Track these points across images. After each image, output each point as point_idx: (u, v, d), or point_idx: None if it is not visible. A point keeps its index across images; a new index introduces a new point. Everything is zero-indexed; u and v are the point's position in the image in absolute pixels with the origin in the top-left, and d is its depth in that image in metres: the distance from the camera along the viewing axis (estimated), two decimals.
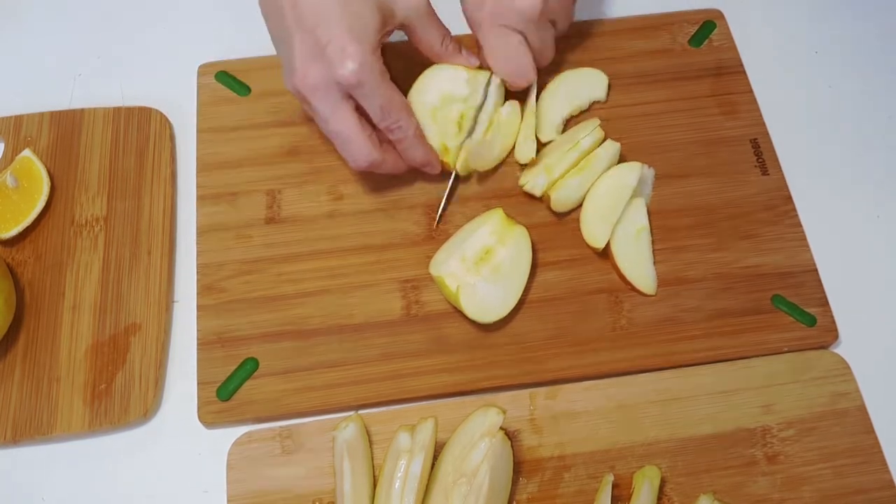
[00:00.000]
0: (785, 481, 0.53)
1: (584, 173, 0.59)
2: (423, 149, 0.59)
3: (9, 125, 0.64)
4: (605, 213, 0.59)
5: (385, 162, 0.58)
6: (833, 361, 0.56)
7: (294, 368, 0.56)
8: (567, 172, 0.60)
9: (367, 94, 0.54)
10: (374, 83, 0.54)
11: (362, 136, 0.55)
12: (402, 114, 0.56)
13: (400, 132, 0.57)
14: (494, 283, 0.56)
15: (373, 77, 0.54)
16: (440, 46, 0.59)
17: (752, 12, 0.72)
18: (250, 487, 0.52)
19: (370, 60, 0.53)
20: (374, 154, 0.56)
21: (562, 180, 0.60)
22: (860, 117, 0.67)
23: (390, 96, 0.55)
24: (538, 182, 0.60)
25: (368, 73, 0.53)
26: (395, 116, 0.56)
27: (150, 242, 0.60)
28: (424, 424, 0.50)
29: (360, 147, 0.56)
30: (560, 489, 0.52)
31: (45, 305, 0.58)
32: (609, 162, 0.60)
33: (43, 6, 0.72)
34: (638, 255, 0.59)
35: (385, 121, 0.56)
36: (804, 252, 0.60)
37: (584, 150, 0.60)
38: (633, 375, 0.56)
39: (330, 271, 0.59)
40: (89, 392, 0.55)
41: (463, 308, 0.55)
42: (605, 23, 0.69)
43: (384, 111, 0.55)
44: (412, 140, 0.58)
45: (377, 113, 0.55)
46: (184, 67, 0.67)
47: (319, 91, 0.54)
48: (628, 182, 0.59)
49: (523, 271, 0.57)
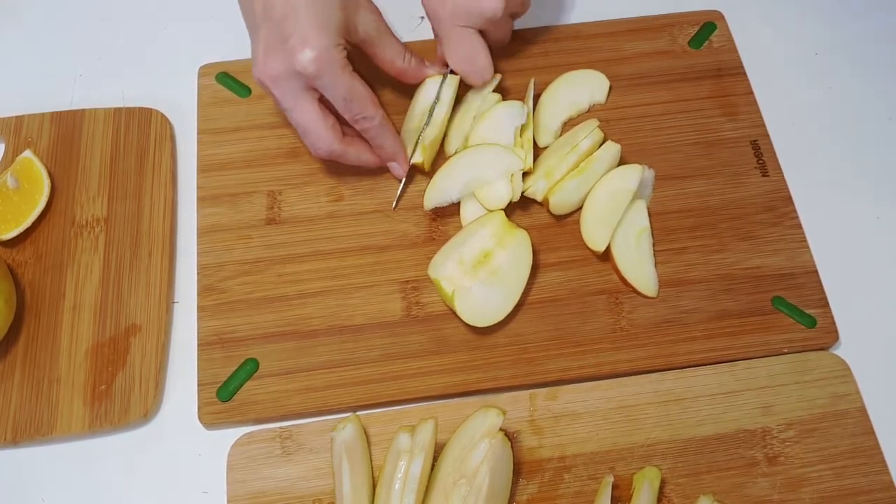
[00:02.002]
0: (785, 482, 0.53)
1: (583, 175, 0.59)
2: (391, 140, 0.59)
3: (9, 126, 0.64)
4: (605, 216, 0.59)
5: (347, 153, 0.58)
6: (833, 363, 0.56)
7: (294, 369, 0.56)
8: (567, 175, 0.60)
9: (327, 85, 0.55)
10: (333, 73, 0.54)
11: (322, 127, 0.56)
12: (365, 104, 0.56)
13: (365, 122, 0.57)
14: (491, 286, 0.56)
15: (332, 67, 0.54)
16: (402, 62, 0.60)
17: (753, 13, 0.72)
18: (250, 488, 0.52)
19: (330, 51, 0.54)
20: (335, 145, 0.57)
21: (561, 183, 0.59)
22: (860, 118, 0.67)
23: (352, 86, 0.55)
24: (539, 186, 0.60)
25: (327, 62, 0.54)
26: (358, 107, 0.56)
27: (151, 243, 0.60)
28: (424, 425, 0.50)
29: (320, 137, 0.57)
30: (560, 490, 0.52)
31: (45, 306, 0.58)
32: (609, 164, 0.60)
33: (44, 7, 0.72)
34: (639, 258, 0.59)
35: (349, 111, 0.56)
36: (804, 253, 0.60)
37: (584, 151, 0.60)
38: (633, 376, 0.56)
39: (330, 272, 0.59)
40: (89, 393, 0.55)
41: (457, 311, 0.55)
42: (605, 24, 0.69)
43: (346, 101, 0.56)
44: (378, 130, 0.58)
45: (340, 104, 0.56)
46: (184, 68, 0.67)
47: (280, 81, 0.55)
48: (629, 185, 0.59)
49: (522, 276, 0.57)
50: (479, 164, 0.59)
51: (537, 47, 0.68)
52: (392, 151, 0.60)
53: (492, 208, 0.59)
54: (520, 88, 0.65)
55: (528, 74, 0.66)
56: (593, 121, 0.61)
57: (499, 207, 0.58)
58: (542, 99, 0.64)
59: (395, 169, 0.61)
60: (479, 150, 0.60)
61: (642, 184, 0.60)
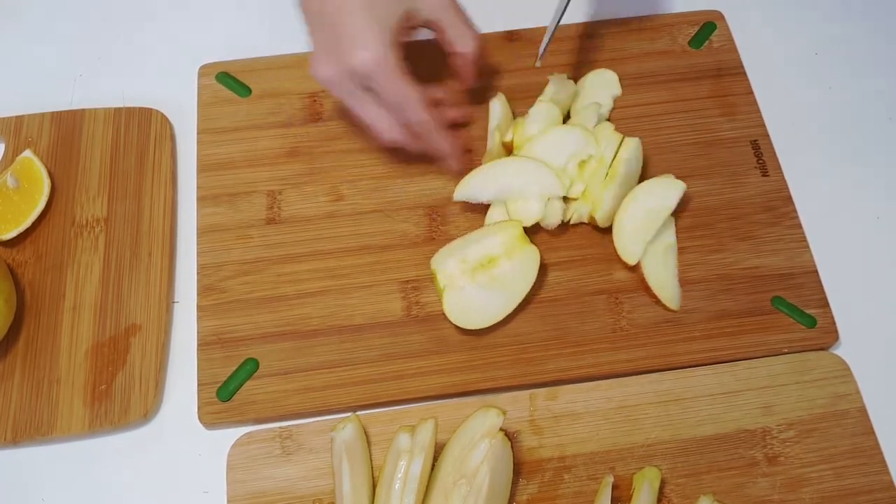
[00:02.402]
0: (785, 482, 0.53)
1: (615, 181, 0.58)
2: (443, 141, 0.59)
3: (9, 126, 0.64)
4: (641, 231, 0.58)
5: (412, 145, 0.58)
6: (833, 363, 0.56)
7: (294, 369, 0.56)
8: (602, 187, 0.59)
9: (380, 87, 0.54)
10: (386, 77, 0.54)
11: (384, 125, 0.56)
12: (416, 109, 0.56)
13: (419, 126, 0.57)
14: (488, 290, 0.55)
15: (385, 70, 0.53)
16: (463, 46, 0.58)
17: (753, 13, 0.72)
18: (250, 488, 0.52)
19: (383, 52, 0.53)
20: (397, 136, 0.57)
21: (600, 196, 0.58)
22: (860, 118, 0.67)
23: (404, 92, 0.55)
24: (583, 212, 0.59)
25: (382, 65, 0.53)
26: (409, 112, 0.56)
27: (151, 243, 0.60)
28: (424, 425, 0.50)
29: (383, 132, 0.57)
30: (560, 490, 0.52)
31: (45, 306, 0.58)
32: (636, 160, 0.60)
33: (44, 6, 0.72)
34: (666, 272, 0.58)
35: (400, 116, 0.56)
36: (804, 253, 0.60)
37: (608, 160, 0.59)
38: (633, 376, 0.56)
39: (330, 272, 0.59)
40: (89, 393, 0.55)
41: (444, 306, 0.55)
42: (605, 24, 0.69)
43: (398, 107, 0.55)
44: (428, 133, 0.58)
45: (395, 110, 0.56)
46: (184, 68, 0.67)
47: (334, 83, 0.55)
48: (667, 204, 0.58)
49: (520, 289, 0.56)
50: (520, 176, 0.58)
51: (537, 47, 0.68)
52: (445, 151, 0.60)
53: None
54: (521, 88, 0.65)
55: (527, 74, 0.66)
56: (608, 124, 0.61)
57: (526, 225, 0.58)
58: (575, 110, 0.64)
59: (451, 164, 0.61)
60: (524, 163, 0.58)
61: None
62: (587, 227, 0.61)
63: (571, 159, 0.59)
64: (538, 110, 0.61)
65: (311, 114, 0.65)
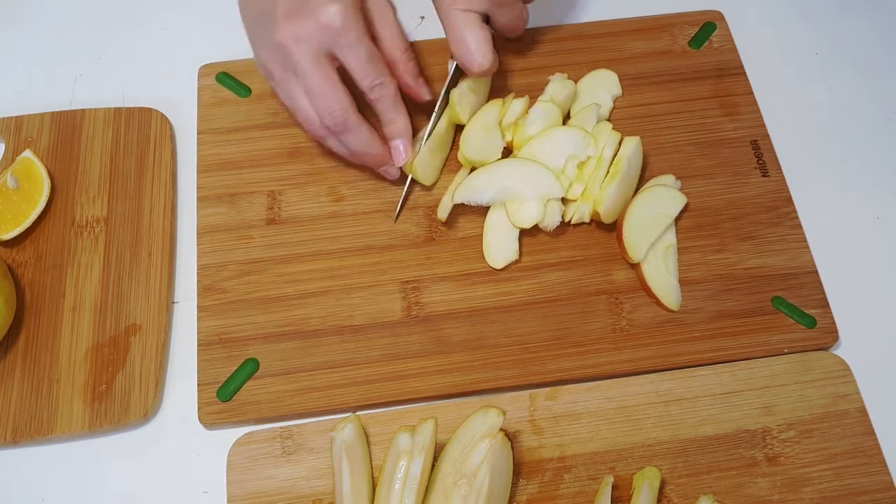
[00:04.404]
0: (785, 483, 0.53)
1: (618, 178, 0.58)
2: (403, 115, 0.58)
3: (9, 126, 0.64)
4: (646, 230, 0.58)
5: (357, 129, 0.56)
6: (833, 363, 0.56)
7: (294, 369, 0.56)
8: (603, 184, 0.59)
9: (351, 43, 0.54)
10: (358, 30, 0.53)
11: (338, 90, 0.54)
12: (383, 67, 0.55)
13: (381, 89, 0.56)
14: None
15: (357, 24, 0.53)
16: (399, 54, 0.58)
17: (753, 13, 0.72)
18: (250, 488, 0.52)
19: (354, 11, 0.53)
20: (349, 113, 0.55)
21: (602, 192, 0.58)
22: (860, 118, 0.67)
23: (374, 49, 0.54)
24: (584, 211, 0.59)
25: (353, 18, 0.53)
26: (378, 69, 0.55)
27: (151, 243, 0.60)
28: (424, 425, 0.50)
29: (335, 100, 0.55)
30: (560, 490, 0.52)
31: (45, 306, 0.58)
32: (637, 158, 0.60)
33: (44, 7, 0.72)
34: (665, 272, 0.58)
35: (367, 74, 0.55)
36: (804, 253, 0.60)
37: (608, 159, 0.59)
38: (633, 377, 0.56)
39: (330, 272, 0.59)
40: (89, 392, 0.55)
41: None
42: (605, 24, 0.69)
43: (367, 62, 0.54)
44: (392, 100, 0.57)
45: (360, 64, 0.55)
46: (185, 68, 0.67)
47: (302, 40, 0.53)
48: (670, 212, 0.59)
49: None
50: (519, 178, 0.58)
51: (537, 47, 0.68)
52: (402, 127, 0.58)
53: (518, 226, 0.58)
54: (521, 88, 0.65)
55: (527, 75, 0.66)
56: (607, 124, 0.61)
57: (525, 227, 0.58)
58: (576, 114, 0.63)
59: (396, 150, 0.59)
60: (523, 164, 0.58)
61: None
62: (587, 228, 0.61)
63: (570, 160, 0.59)
64: (538, 110, 0.61)
65: None
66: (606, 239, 0.60)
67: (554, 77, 0.62)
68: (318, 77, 0.54)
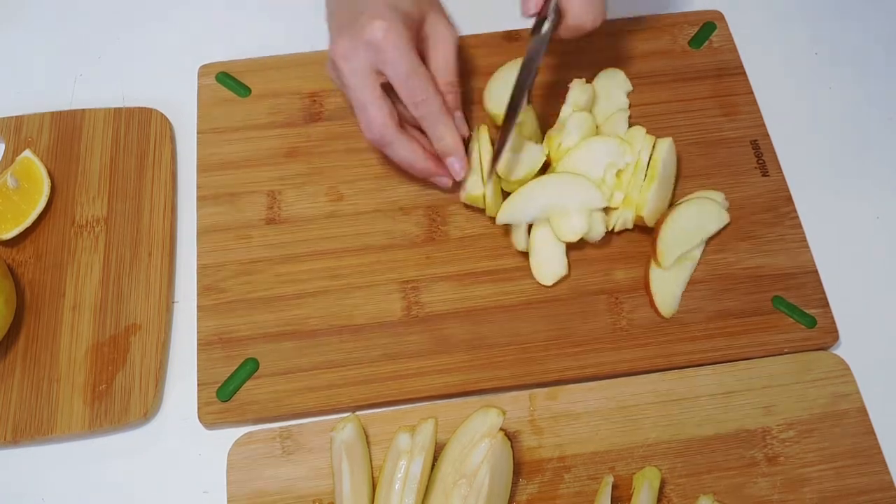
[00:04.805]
0: (785, 482, 0.53)
1: (657, 180, 0.58)
2: (451, 131, 0.58)
3: (9, 126, 0.64)
4: (682, 239, 0.58)
5: (398, 142, 0.57)
6: (833, 363, 0.56)
7: (294, 369, 0.56)
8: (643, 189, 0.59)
9: (392, 60, 0.54)
10: (399, 47, 0.54)
11: (380, 105, 0.56)
12: (426, 85, 0.56)
13: (424, 106, 0.56)
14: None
15: (399, 40, 0.54)
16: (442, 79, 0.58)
17: (753, 13, 0.72)
18: (250, 488, 0.52)
19: (398, 27, 0.54)
20: (389, 128, 0.56)
21: (644, 196, 0.58)
22: (860, 118, 0.67)
23: (415, 65, 0.55)
24: (627, 217, 0.59)
25: (395, 35, 0.54)
26: (419, 86, 0.56)
27: (151, 243, 0.60)
28: (424, 425, 0.50)
29: (376, 115, 0.56)
30: (560, 490, 0.52)
31: (45, 306, 0.58)
32: (671, 159, 0.60)
33: (44, 7, 0.72)
34: (673, 282, 0.58)
35: (409, 91, 0.56)
36: (804, 253, 0.60)
37: (645, 163, 0.59)
38: (633, 376, 0.56)
39: (330, 272, 0.59)
40: (89, 392, 0.55)
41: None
42: (605, 24, 0.68)
43: (408, 79, 0.55)
44: (436, 116, 0.57)
45: (401, 81, 0.55)
46: (184, 68, 0.67)
47: (349, 56, 0.55)
48: (710, 228, 0.60)
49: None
50: (560, 192, 0.57)
51: None
52: (451, 144, 0.58)
53: (564, 240, 0.58)
54: None
55: None
56: (639, 128, 0.60)
57: (571, 240, 0.58)
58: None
59: (452, 166, 0.59)
60: (563, 178, 0.58)
61: None
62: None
63: (609, 169, 0.58)
64: (574, 121, 0.60)
65: (310, 114, 0.65)
66: (606, 239, 0.60)
67: (573, 84, 0.62)
68: (360, 92, 0.56)
